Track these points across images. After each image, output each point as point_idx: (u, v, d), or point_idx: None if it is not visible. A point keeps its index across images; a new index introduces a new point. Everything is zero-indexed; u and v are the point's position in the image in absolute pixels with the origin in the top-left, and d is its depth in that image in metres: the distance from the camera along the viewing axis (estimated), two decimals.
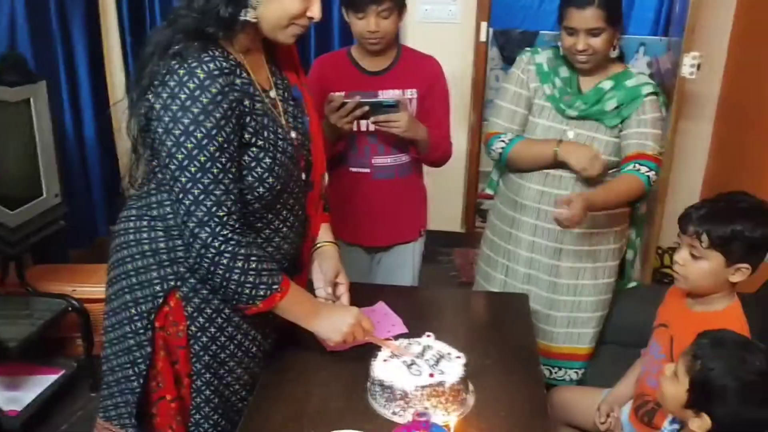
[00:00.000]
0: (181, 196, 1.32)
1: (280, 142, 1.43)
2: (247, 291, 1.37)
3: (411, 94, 2.02)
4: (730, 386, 1.25)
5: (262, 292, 1.38)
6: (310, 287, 1.63)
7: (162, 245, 1.43)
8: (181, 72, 1.29)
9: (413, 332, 1.67)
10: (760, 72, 2.97)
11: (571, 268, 2.14)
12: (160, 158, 1.35)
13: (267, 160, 1.40)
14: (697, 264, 1.56)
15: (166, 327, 1.44)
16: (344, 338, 1.49)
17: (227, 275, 1.35)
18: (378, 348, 1.55)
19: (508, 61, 4.89)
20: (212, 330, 1.46)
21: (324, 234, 1.67)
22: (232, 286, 1.36)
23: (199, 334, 1.45)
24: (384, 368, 1.49)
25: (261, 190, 1.41)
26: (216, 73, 1.30)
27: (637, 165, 1.96)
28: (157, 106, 1.31)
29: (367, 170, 2.08)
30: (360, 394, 1.50)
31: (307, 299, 1.52)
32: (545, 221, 2.10)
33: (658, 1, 4.88)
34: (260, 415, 1.44)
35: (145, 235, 1.44)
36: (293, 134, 1.50)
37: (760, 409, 1.24)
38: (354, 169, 2.05)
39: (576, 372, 2.28)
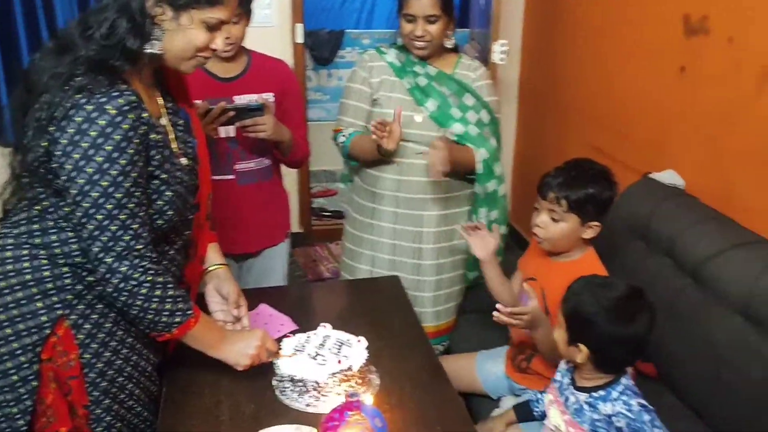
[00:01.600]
0: (96, 233, 1.29)
1: (177, 173, 1.43)
2: (165, 319, 1.37)
3: (268, 97, 2.03)
4: (596, 311, 1.45)
5: (178, 319, 1.39)
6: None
7: (47, 274, 1.36)
8: (89, 108, 1.24)
9: (305, 327, 1.70)
10: (554, 57, 3.33)
11: (432, 249, 2.29)
12: (63, 192, 1.31)
13: (168, 192, 1.40)
14: (557, 225, 1.77)
15: (54, 358, 1.36)
16: (252, 361, 1.50)
17: (146, 305, 1.34)
18: (279, 346, 1.56)
19: (319, 60, 5.01)
20: (107, 354, 1.41)
21: (214, 256, 1.67)
22: (150, 315, 1.36)
23: (93, 360, 1.39)
24: (291, 364, 1.51)
25: (160, 222, 1.40)
26: (126, 108, 1.26)
27: None
28: (64, 142, 1.25)
29: (231, 177, 2.06)
30: (269, 394, 1.51)
31: (215, 325, 1.54)
32: (405, 208, 2.23)
33: None
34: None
35: (26, 265, 1.36)
36: (183, 160, 1.48)
37: (624, 327, 1.45)
38: (217, 177, 2.02)
39: (442, 345, 2.42)
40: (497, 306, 1.69)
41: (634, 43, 2.66)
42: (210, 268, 1.65)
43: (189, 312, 1.40)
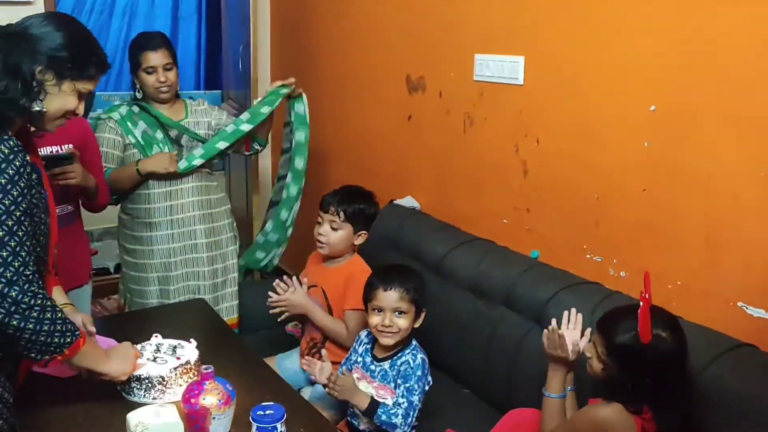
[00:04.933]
0: None
1: (44, 216, 1.61)
2: (57, 339, 1.48)
3: (68, 148, 2.24)
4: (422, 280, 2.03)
5: (69, 339, 1.50)
6: None
7: None
8: None
9: (134, 341, 1.95)
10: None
11: (205, 258, 2.74)
12: None
13: (41, 229, 1.57)
14: (336, 233, 2.26)
15: None
16: (132, 368, 1.71)
17: (38, 327, 1.44)
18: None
19: None
20: None
21: (59, 297, 1.84)
22: (42, 338, 1.45)
23: None
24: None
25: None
26: (16, 149, 1.45)
27: None
28: None
29: None
30: (118, 397, 1.74)
31: (95, 344, 1.70)
32: (179, 227, 2.68)
33: (195, 62, 5.64)
34: None
35: None
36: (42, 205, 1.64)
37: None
38: None
39: None
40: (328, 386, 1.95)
41: (372, 97, 3.30)
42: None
43: (77, 332, 1.54)
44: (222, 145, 2.64)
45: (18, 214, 1.45)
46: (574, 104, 2.23)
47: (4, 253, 1.42)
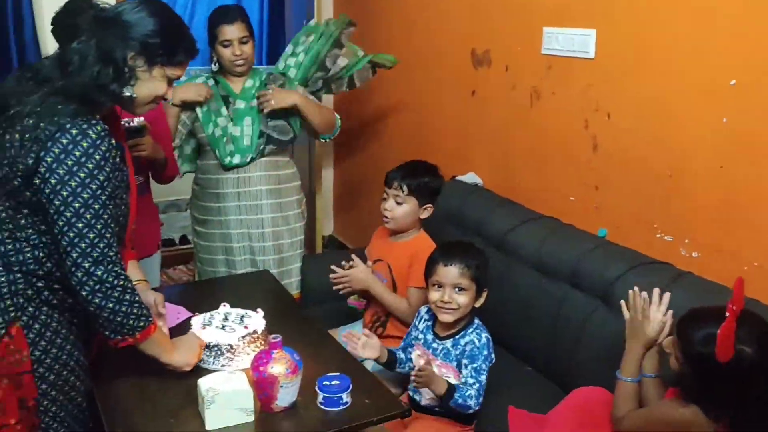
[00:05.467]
0: (76, 240, 1.47)
1: (126, 197, 1.67)
2: (131, 322, 1.55)
3: (140, 121, 2.29)
4: (484, 261, 2.00)
5: (142, 323, 1.57)
6: None
7: (2, 279, 1.53)
8: (74, 131, 1.46)
9: (202, 310, 1.99)
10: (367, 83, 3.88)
11: (273, 233, 2.75)
12: (23, 207, 1.50)
13: (122, 209, 1.63)
14: (401, 207, 2.26)
15: (6, 357, 1.52)
16: (197, 360, 1.73)
17: (116, 307, 1.51)
18: (189, 321, 1.88)
19: None
20: (54, 351, 1.58)
21: (135, 272, 1.90)
22: (119, 318, 1.53)
23: (42, 357, 1.56)
24: (205, 333, 1.82)
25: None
26: (104, 134, 1.49)
27: None
28: (48, 159, 1.45)
29: None
30: None
31: (163, 334, 1.73)
32: (247, 200, 2.69)
33: (258, 36, 5.67)
34: (114, 402, 1.65)
35: None
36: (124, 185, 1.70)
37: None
38: None
39: None
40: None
41: (435, 72, 3.27)
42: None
43: (150, 318, 1.59)
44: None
45: (104, 198, 1.50)
46: (648, 78, 2.15)
47: (91, 235, 1.48)
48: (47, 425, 1.59)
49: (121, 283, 1.52)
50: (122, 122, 2.23)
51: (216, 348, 1.79)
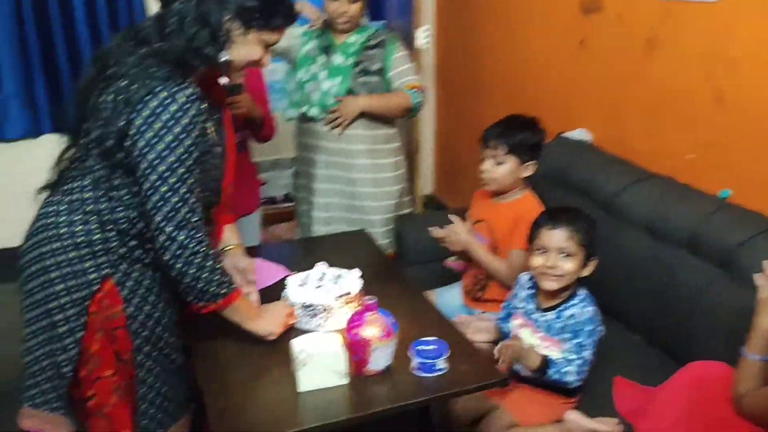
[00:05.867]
0: (160, 203, 1.48)
1: (217, 161, 1.66)
2: (213, 288, 1.55)
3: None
4: (593, 228, 1.86)
5: (224, 290, 1.57)
6: None
7: (97, 237, 1.56)
8: (164, 95, 1.46)
9: (300, 270, 1.98)
10: (468, 37, 3.74)
11: (369, 193, 2.70)
12: (118, 167, 1.52)
13: (208, 177, 1.62)
14: (500, 167, 2.15)
15: (100, 311, 1.57)
16: (282, 328, 1.71)
17: (198, 273, 1.52)
18: (283, 280, 1.88)
19: None
20: (147, 308, 1.62)
21: (231, 236, 1.90)
22: (201, 284, 1.54)
23: (135, 313, 1.60)
24: (301, 292, 1.80)
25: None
26: (193, 98, 1.49)
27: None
28: (138, 122, 1.46)
29: None
30: None
31: (248, 301, 1.71)
32: (344, 158, 2.65)
33: None
34: (210, 360, 1.67)
35: (79, 228, 1.55)
36: (218, 149, 1.71)
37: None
38: None
39: None
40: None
41: (540, 21, 3.08)
42: (227, 248, 1.88)
43: (232, 286, 1.60)
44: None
45: (189, 163, 1.50)
46: None
47: (175, 199, 1.49)
48: (142, 378, 1.63)
49: (203, 249, 1.52)
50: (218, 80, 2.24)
51: (311, 308, 1.77)
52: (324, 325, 1.76)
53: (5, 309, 1.82)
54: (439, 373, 1.56)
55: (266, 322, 1.70)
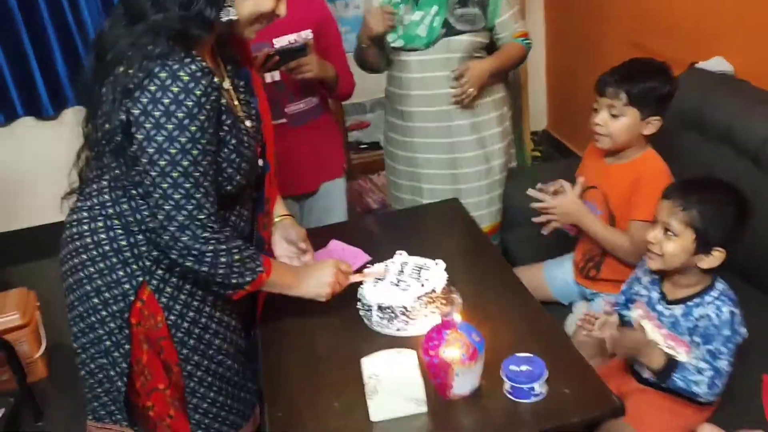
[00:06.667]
0: (161, 201, 1.31)
1: (245, 138, 1.45)
2: (234, 280, 1.41)
3: (306, 34, 2.03)
4: (732, 213, 1.47)
5: (249, 278, 1.43)
6: None
7: (123, 243, 1.41)
8: (163, 75, 1.25)
9: (378, 257, 1.75)
10: None
11: (469, 157, 2.34)
12: (134, 163, 1.34)
13: (236, 158, 1.42)
14: (617, 121, 1.78)
15: (142, 322, 1.43)
16: (332, 289, 1.55)
17: (212, 271, 1.38)
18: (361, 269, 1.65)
19: None
20: (191, 314, 1.46)
21: (279, 208, 1.72)
22: (219, 279, 1.40)
23: (179, 321, 1.45)
24: (377, 292, 1.57)
25: (229, 188, 1.43)
26: (199, 74, 1.27)
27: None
28: (136, 112, 1.27)
29: (283, 121, 2.09)
30: (359, 324, 1.58)
31: (287, 269, 1.57)
32: (435, 121, 2.30)
33: None
34: (277, 372, 1.49)
35: (103, 236, 1.41)
36: (248, 123, 1.50)
37: (744, 223, 1.49)
38: None
39: None
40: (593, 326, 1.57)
41: None
42: (276, 220, 1.70)
43: (258, 269, 1.44)
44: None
45: (195, 152, 1.30)
46: None
47: (177, 196, 1.31)
48: (192, 390, 1.49)
49: (210, 248, 1.36)
50: (286, 40, 1.99)
51: (389, 310, 1.54)
52: (404, 329, 1.53)
53: None
54: (536, 398, 1.29)
55: (311, 286, 1.54)
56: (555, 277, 2.09)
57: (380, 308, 1.55)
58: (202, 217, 1.34)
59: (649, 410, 1.57)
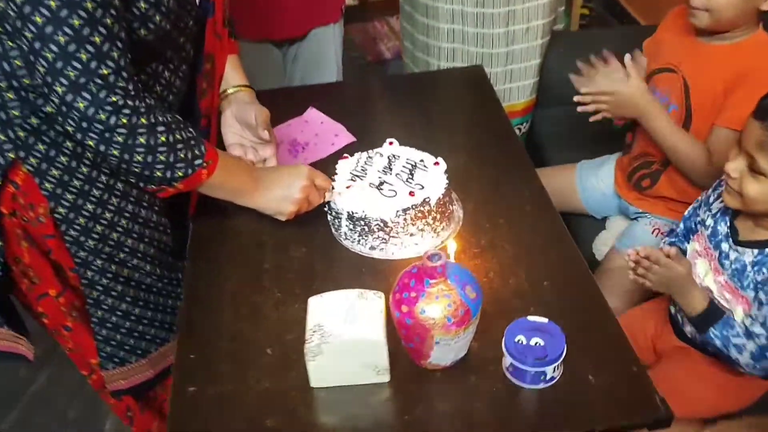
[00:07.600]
0: (38, 46, 0.89)
1: None
2: (159, 173, 1.01)
3: None
4: None
5: (180, 172, 1.03)
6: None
7: None
8: None
9: (366, 140, 1.33)
10: None
11: (500, 14, 1.81)
12: None
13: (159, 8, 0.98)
14: None
15: (19, 212, 1.06)
16: (299, 207, 1.16)
17: (125, 157, 0.98)
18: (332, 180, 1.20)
19: None
20: (89, 207, 1.07)
21: (235, 75, 1.27)
22: (136, 169, 1.01)
23: (71, 216, 1.06)
24: (350, 197, 1.15)
25: (143, 32, 0.99)
26: None
27: None
28: None
29: None
30: (322, 233, 1.18)
31: (242, 168, 1.17)
32: None
33: None
34: (200, 293, 1.10)
35: None
36: None
37: None
38: None
39: (517, 128, 2.01)
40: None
41: None
42: (229, 91, 1.26)
43: (197, 162, 1.04)
44: None
45: (90, 6, 0.87)
46: None
47: (62, 39, 0.89)
48: (97, 300, 1.14)
49: (124, 122, 0.95)
50: None
51: (363, 222, 1.13)
52: (381, 248, 1.13)
53: None
54: (546, 386, 0.91)
55: (269, 198, 1.15)
56: (590, 185, 1.65)
57: (351, 217, 1.14)
58: (106, 72, 0.92)
59: (689, 381, 1.21)
